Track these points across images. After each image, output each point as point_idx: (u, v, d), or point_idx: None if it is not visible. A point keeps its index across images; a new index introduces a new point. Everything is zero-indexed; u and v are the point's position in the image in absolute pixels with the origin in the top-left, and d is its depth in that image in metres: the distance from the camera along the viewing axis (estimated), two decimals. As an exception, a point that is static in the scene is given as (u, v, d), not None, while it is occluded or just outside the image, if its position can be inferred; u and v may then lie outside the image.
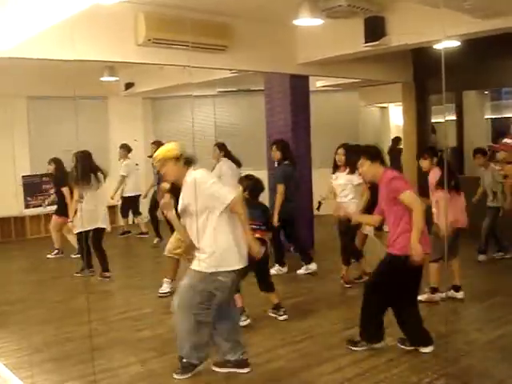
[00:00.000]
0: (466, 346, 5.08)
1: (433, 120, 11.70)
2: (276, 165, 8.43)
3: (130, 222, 12.06)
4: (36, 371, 4.76)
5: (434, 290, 6.40)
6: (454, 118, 11.09)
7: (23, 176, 12.11)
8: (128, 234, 11.91)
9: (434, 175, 6.37)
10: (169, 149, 4.79)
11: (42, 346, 5.50)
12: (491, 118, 13.79)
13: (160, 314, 6.36)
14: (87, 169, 7.97)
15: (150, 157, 10.24)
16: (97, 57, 6.75)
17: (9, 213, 11.96)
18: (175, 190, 4.81)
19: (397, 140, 13.90)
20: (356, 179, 7.08)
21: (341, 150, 7.42)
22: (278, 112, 9.70)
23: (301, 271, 8.14)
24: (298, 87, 9.60)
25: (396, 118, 15.52)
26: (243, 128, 13.61)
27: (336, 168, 7.52)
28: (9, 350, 5.41)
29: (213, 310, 4.66)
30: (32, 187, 12.18)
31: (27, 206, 12.13)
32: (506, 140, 4.88)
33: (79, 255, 8.85)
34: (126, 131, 12.94)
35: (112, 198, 11.11)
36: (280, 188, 7.93)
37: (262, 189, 6.26)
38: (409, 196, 4.82)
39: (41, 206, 11.72)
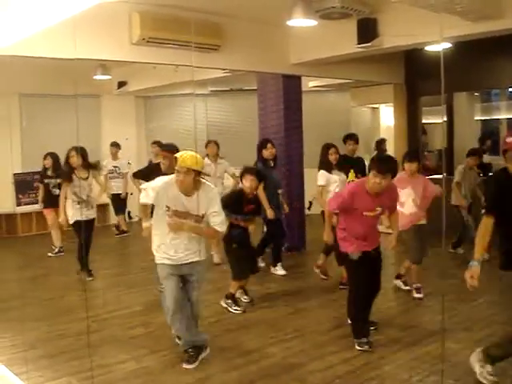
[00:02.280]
0: (454, 344, 5.15)
1: (423, 121, 11.80)
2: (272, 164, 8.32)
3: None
4: (31, 367, 4.79)
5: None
6: (444, 119, 11.17)
7: (15, 174, 12.10)
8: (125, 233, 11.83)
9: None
10: (198, 161, 4.72)
11: (36, 342, 5.54)
12: (481, 120, 13.90)
13: (150, 312, 6.40)
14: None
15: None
16: (93, 55, 6.78)
17: (1, 210, 11.97)
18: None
19: (381, 141, 13.89)
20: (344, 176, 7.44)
21: (334, 150, 7.44)
22: (270, 112, 9.74)
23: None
24: (291, 87, 9.65)
25: (386, 118, 15.56)
26: (235, 127, 13.67)
27: (331, 167, 7.45)
28: (3, 346, 5.43)
29: None
30: (23, 185, 12.18)
31: (19, 204, 12.12)
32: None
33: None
34: (119, 129, 12.96)
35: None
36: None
37: None
38: None
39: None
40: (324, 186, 7.36)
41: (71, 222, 8.08)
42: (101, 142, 13.06)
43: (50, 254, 9.84)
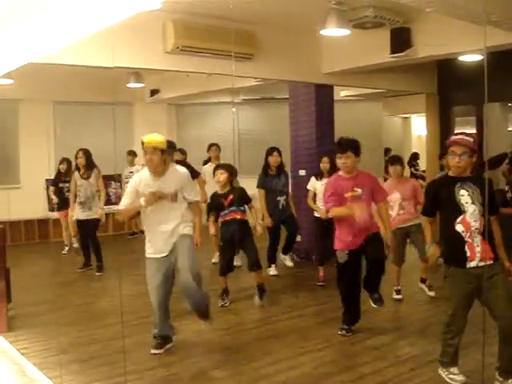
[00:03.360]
0: (489, 357, 5.06)
1: (456, 131, 11.68)
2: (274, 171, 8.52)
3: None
4: (63, 372, 4.84)
5: None
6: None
7: (47, 179, 12.25)
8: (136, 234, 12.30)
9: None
10: (161, 140, 5.33)
11: (68, 347, 5.58)
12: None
13: (180, 320, 6.40)
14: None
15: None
16: (128, 64, 6.89)
17: (34, 215, 12.15)
18: None
19: (387, 150, 13.76)
20: None
21: (326, 159, 7.87)
22: (302, 121, 9.73)
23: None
24: (323, 97, 9.63)
25: (418, 128, 15.49)
26: (266, 136, 13.64)
27: (322, 176, 7.95)
28: (36, 350, 5.49)
29: None
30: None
31: (51, 210, 12.27)
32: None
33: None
34: (151, 137, 13.01)
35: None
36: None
37: None
38: None
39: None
40: (311, 190, 8.06)
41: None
42: (133, 149, 13.13)
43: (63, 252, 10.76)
